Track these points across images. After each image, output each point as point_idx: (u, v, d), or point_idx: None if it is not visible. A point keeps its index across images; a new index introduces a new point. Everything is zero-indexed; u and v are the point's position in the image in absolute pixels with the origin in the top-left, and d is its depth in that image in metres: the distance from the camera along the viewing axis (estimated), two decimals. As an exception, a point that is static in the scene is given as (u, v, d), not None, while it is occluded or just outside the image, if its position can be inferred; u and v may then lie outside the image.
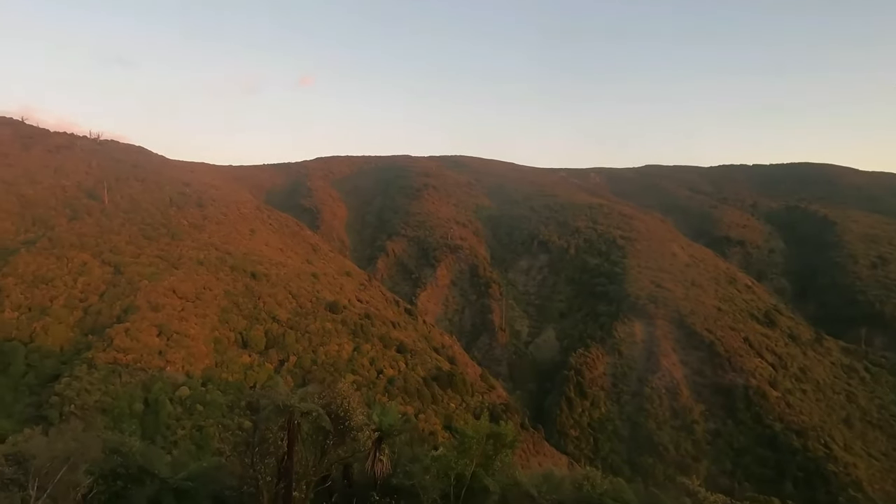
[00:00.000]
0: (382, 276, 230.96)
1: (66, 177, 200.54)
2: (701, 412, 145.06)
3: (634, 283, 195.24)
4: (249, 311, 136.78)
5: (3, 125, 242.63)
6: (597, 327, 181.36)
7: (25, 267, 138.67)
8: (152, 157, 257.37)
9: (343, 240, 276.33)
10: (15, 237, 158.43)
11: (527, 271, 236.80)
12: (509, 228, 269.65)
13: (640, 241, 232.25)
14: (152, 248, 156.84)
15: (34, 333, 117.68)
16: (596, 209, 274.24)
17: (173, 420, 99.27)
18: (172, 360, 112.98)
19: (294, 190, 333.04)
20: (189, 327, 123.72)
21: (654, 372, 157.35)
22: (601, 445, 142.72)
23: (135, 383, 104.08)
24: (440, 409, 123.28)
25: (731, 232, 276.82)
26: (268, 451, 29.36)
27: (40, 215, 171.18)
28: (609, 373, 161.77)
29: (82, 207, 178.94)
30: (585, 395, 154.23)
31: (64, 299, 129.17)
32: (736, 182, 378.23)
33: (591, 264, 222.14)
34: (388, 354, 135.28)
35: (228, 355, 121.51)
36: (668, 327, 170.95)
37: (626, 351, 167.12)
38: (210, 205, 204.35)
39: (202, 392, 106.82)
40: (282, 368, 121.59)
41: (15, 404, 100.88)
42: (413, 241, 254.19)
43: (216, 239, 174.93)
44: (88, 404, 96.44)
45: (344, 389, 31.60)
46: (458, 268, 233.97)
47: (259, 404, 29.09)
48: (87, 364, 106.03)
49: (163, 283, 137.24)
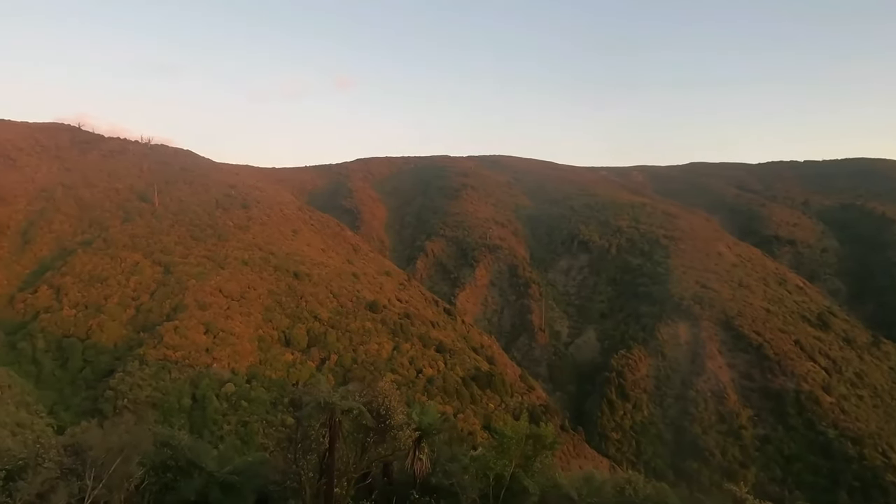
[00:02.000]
0: (421, 276, 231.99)
1: (119, 180, 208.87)
2: (749, 417, 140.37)
3: (678, 284, 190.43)
4: (292, 310, 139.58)
5: (62, 131, 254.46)
6: (639, 328, 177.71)
7: (82, 266, 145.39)
8: (200, 161, 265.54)
9: (383, 240, 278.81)
10: (73, 238, 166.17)
11: (567, 271, 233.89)
12: (549, 228, 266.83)
13: (684, 240, 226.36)
14: (200, 249, 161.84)
15: (90, 330, 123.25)
16: (638, 208, 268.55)
17: (219, 415, 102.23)
18: (219, 358, 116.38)
19: (335, 191, 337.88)
20: (234, 325, 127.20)
21: (699, 375, 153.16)
22: (644, 449, 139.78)
23: (183, 379, 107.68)
24: (479, 410, 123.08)
25: (781, 231, 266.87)
26: (310, 448, 29.89)
27: (96, 217, 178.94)
28: (652, 375, 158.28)
29: (134, 209, 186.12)
30: (627, 397, 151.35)
31: (118, 298, 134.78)
32: (786, 179, 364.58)
33: (633, 264, 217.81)
34: (428, 354, 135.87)
35: (272, 353, 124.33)
36: (714, 329, 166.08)
37: (670, 353, 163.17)
38: (254, 206, 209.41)
39: (247, 389, 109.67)
40: (323, 367, 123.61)
41: (73, 397, 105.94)
42: (452, 241, 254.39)
43: (260, 239, 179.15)
44: (140, 399, 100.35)
45: (385, 388, 31.90)
46: (497, 268, 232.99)
47: (302, 401, 29.63)
48: (138, 360, 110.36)
49: (210, 282, 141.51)
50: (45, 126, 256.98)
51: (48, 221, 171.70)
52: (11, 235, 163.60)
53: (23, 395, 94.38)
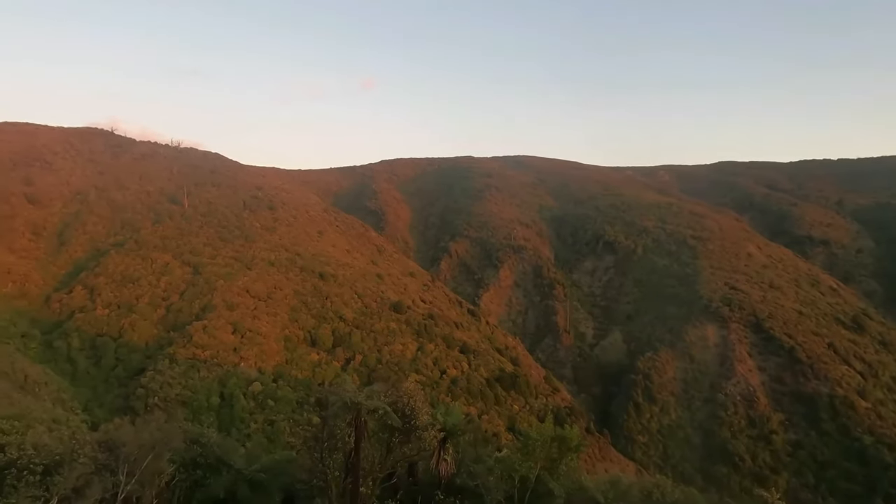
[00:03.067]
0: (445, 276, 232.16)
1: (150, 183, 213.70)
2: (780, 421, 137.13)
3: (707, 285, 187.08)
4: (317, 311, 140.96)
5: (96, 136, 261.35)
6: (666, 330, 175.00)
7: (115, 267, 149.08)
8: (228, 163, 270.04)
9: (407, 241, 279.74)
10: (106, 239, 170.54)
11: (592, 272, 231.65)
12: (573, 228, 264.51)
13: (712, 240, 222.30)
14: (227, 250, 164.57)
15: (122, 329, 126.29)
16: (665, 208, 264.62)
17: (246, 414, 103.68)
18: (246, 357, 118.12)
19: (359, 192, 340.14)
20: (261, 325, 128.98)
21: (728, 378, 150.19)
22: (671, 453, 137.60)
23: (212, 378, 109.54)
24: (503, 411, 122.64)
25: (814, 231, 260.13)
26: (336, 447, 30.13)
27: (128, 219, 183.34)
28: (679, 378, 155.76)
29: (164, 211, 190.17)
30: (654, 400, 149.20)
31: (148, 298, 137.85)
32: (818, 178, 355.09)
33: (659, 265, 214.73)
34: (452, 355, 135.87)
35: (298, 353, 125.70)
36: (744, 331, 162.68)
37: (698, 355, 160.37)
38: (280, 208, 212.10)
39: (273, 388, 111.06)
40: (348, 367, 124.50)
41: (106, 395, 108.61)
42: (476, 241, 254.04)
43: (286, 240, 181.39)
44: (170, 397, 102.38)
45: (409, 389, 32.03)
46: (521, 269, 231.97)
47: (328, 401, 29.90)
48: (169, 359, 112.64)
49: (237, 282, 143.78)
50: (79, 131, 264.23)
51: (82, 223, 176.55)
52: (48, 237, 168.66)
53: (59, 393, 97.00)
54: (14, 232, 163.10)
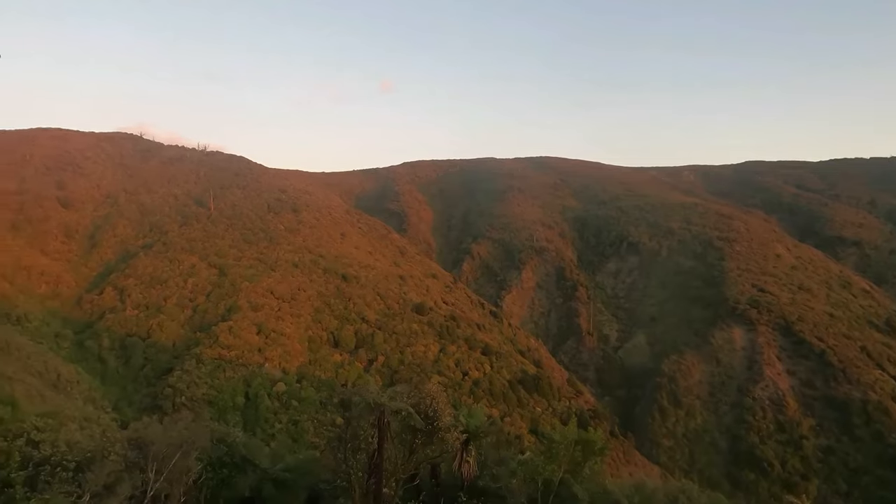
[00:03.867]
0: (467, 278, 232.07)
1: (177, 186, 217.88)
2: (811, 427, 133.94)
3: (734, 287, 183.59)
4: (340, 312, 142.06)
5: (125, 140, 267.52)
6: (691, 333, 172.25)
7: (143, 269, 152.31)
8: (252, 166, 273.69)
9: (429, 242, 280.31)
10: (135, 242, 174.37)
11: (615, 274, 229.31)
12: (596, 230, 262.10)
13: (739, 241, 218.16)
14: (252, 252, 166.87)
15: (151, 330, 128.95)
16: (690, 209, 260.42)
17: (271, 414, 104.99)
18: (270, 358, 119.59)
19: (382, 194, 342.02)
20: (285, 326, 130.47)
21: (756, 382, 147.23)
22: (697, 457, 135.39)
23: (237, 378, 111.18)
24: (526, 413, 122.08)
25: (845, 231, 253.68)
26: (359, 448, 30.29)
27: (156, 221, 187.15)
28: (706, 381, 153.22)
29: (191, 214, 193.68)
30: (680, 403, 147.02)
31: (176, 299, 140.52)
32: (850, 177, 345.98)
33: (684, 267, 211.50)
34: (474, 356, 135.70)
35: (321, 354, 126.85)
36: (772, 334, 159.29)
37: (725, 359, 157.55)
38: (304, 210, 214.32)
39: (297, 388, 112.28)
40: (370, 368, 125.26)
41: (135, 394, 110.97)
42: (498, 243, 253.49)
43: (310, 242, 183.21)
44: (197, 396, 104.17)
45: (432, 390, 32.04)
46: (543, 270, 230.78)
47: (351, 402, 30.10)
48: (195, 359, 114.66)
49: (261, 284, 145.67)
50: (109, 135, 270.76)
51: (112, 226, 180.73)
52: (80, 239, 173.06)
53: (90, 391, 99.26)
54: (47, 234, 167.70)
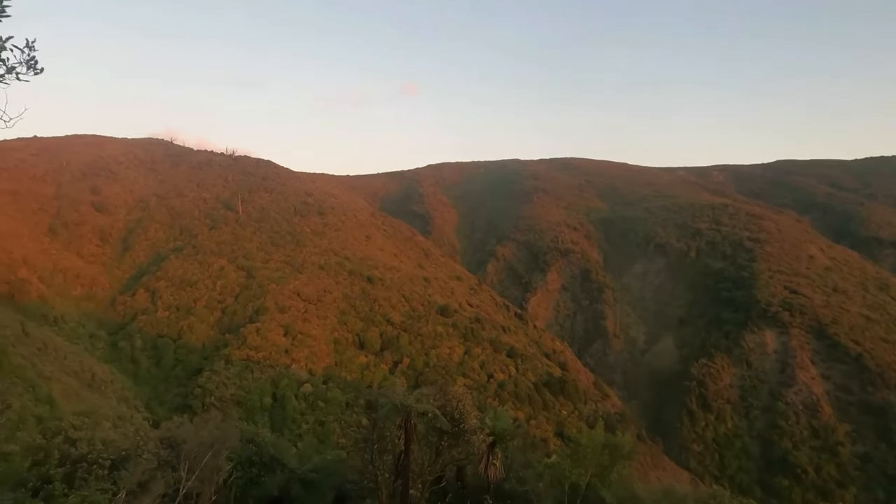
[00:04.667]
0: (492, 280, 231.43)
1: (206, 190, 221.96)
2: (846, 432, 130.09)
3: (765, 289, 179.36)
4: (366, 314, 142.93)
5: (156, 145, 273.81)
6: (721, 336, 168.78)
7: (174, 271, 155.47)
8: (279, 170, 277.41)
9: (453, 244, 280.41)
10: (165, 245, 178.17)
11: (643, 276, 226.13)
12: (623, 231, 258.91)
13: (770, 242, 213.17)
14: (279, 254, 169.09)
15: (181, 331, 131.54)
16: (719, 209, 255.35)
17: (298, 414, 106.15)
18: (297, 359, 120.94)
19: (406, 197, 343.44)
20: (311, 328, 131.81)
21: (789, 386, 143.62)
22: (728, 463, 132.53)
23: (265, 379, 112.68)
24: (551, 416, 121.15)
25: (882, 232, 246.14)
26: (386, 449, 30.40)
27: (186, 225, 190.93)
28: (736, 385, 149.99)
29: (220, 217, 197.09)
30: (709, 407, 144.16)
31: (205, 300, 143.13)
32: (887, 176, 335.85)
33: (714, 268, 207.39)
34: (499, 359, 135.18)
35: (347, 355, 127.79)
36: (806, 337, 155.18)
37: (756, 362, 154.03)
38: (329, 213, 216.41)
39: (323, 389, 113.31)
40: (396, 369, 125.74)
41: (166, 394, 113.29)
42: (523, 245, 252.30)
43: (335, 245, 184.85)
44: (225, 397, 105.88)
45: (458, 392, 32.01)
46: (569, 272, 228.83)
47: (378, 403, 30.21)
48: (224, 360, 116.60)
49: (288, 286, 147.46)
50: (141, 141, 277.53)
51: (144, 229, 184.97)
52: (113, 242, 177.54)
53: (123, 391, 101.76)
54: (83, 238, 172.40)
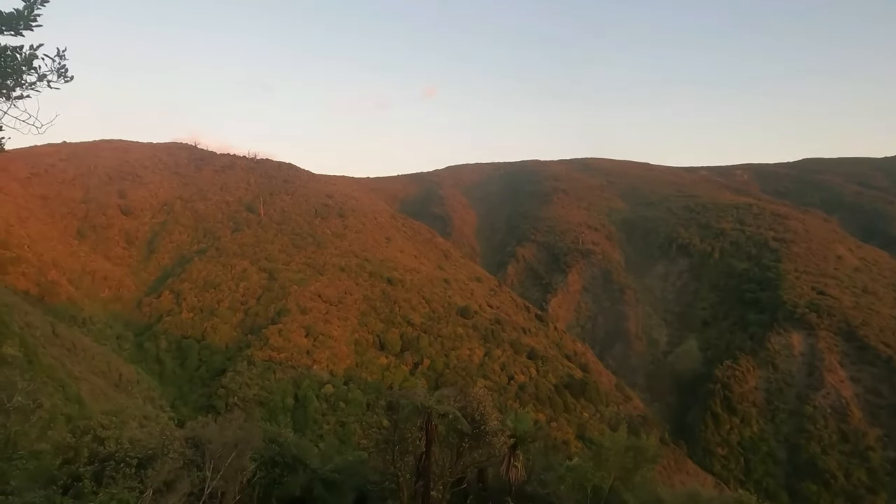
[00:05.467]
0: (512, 281, 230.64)
1: (229, 193, 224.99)
2: (878, 437, 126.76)
3: (791, 290, 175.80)
4: (386, 315, 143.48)
5: (181, 149, 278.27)
6: (746, 338, 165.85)
7: (198, 273, 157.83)
8: (300, 173, 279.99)
9: (473, 246, 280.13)
10: (190, 247, 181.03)
11: (665, 277, 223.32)
12: (645, 232, 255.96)
13: (797, 242, 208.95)
14: (300, 256, 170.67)
15: (205, 332, 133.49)
16: (743, 209, 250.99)
17: (319, 415, 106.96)
18: (318, 360, 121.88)
19: (426, 198, 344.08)
20: (332, 329, 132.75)
21: (816, 389, 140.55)
22: (753, 467, 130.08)
23: (287, 380, 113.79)
24: (573, 418, 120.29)
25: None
26: (407, 450, 30.49)
27: (209, 227, 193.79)
28: (762, 388, 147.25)
29: (242, 220, 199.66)
30: (734, 410, 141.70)
31: (228, 302, 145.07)
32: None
33: (738, 269, 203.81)
34: (519, 360, 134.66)
35: (367, 356, 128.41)
36: (834, 339, 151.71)
37: (783, 365, 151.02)
38: (350, 215, 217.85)
39: (344, 390, 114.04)
40: (416, 371, 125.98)
41: (191, 394, 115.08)
42: (543, 246, 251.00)
43: (356, 247, 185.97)
44: (248, 397, 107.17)
45: (479, 394, 31.96)
46: (590, 273, 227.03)
47: (398, 404, 30.31)
48: (247, 361, 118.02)
49: (310, 287, 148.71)
50: (166, 146, 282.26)
51: (169, 232, 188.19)
52: (139, 245, 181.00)
53: (149, 391, 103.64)
54: (110, 241, 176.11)
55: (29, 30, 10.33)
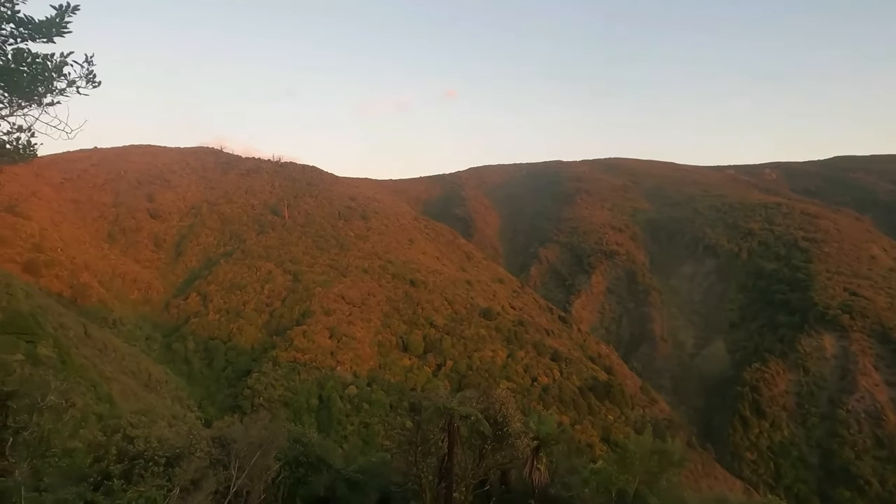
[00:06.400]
0: (535, 283, 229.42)
1: (254, 196, 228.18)
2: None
3: (823, 291, 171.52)
4: (409, 317, 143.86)
5: (207, 154, 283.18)
6: (776, 340, 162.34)
7: (224, 275, 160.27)
8: (324, 176, 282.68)
9: (495, 247, 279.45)
10: (216, 250, 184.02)
11: (691, 278, 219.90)
12: (670, 232, 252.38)
13: (828, 242, 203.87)
14: (324, 258, 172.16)
15: (231, 333, 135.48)
16: (772, 208, 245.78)
17: (343, 416, 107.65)
18: (342, 361, 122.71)
19: (448, 200, 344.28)
20: (356, 331, 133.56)
21: (849, 393, 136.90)
22: (784, 472, 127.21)
23: (311, 380, 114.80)
24: (597, 421, 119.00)
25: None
26: (429, 451, 30.44)
27: (235, 230, 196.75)
28: (792, 391, 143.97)
29: (267, 223, 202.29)
30: (764, 414, 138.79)
31: (254, 304, 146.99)
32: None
33: (767, 270, 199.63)
34: (543, 362, 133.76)
35: (390, 358, 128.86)
36: (868, 342, 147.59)
37: (814, 367, 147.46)
38: (373, 217, 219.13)
39: (368, 391, 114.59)
40: (439, 372, 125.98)
41: (217, 394, 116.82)
42: (566, 247, 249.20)
43: (379, 248, 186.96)
44: (273, 398, 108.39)
45: (502, 395, 31.76)
46: (614, 274, 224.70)
47: (421, 406, 30.29)
48: (272, 362, 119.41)
49: (333, 289, 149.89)
50: (193, 150, 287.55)
51: (196, 235, 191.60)
52: (167, 248, 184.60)
53: (177, 391, 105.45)
54: (139, 244, 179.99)
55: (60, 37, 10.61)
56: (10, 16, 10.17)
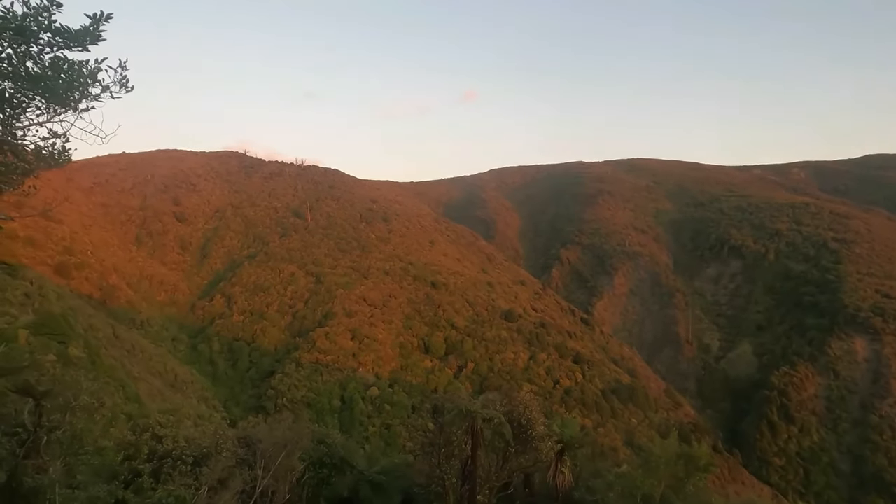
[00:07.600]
0: (557, 284, 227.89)
1: (277, 199, 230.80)
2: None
3: (854, 293, 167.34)
4: (430, 318, 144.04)
5: (231, 157, 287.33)
6: (804, 343, 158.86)
7: (248, 277, 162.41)
8: (345, 178, 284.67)
9: (517, 249, 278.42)
10: (240, 252, 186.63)
11: (716, 279, 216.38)
12: (694, 233, 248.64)
13: (859, 243, 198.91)
14: (346, 260, 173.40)
15: (255, 335, 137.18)
16: (800, 209, 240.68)
17: (365, 417, 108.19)
18: (364, 362, 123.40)
19: (469, 202, 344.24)
20: (377, 332, 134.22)
21: (883, 398, 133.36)
22: (814, 479, 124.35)
23: (333, 382, 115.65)
24: (620, 424, 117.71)
25: None
26: (452, 454, 30.43)
27: (259, 233, 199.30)
28: (822, 395, 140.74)
29: (290, 225, 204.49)
30: (792, 419, 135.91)
31: (277, 305, 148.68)
32: None
33: (795, 271, 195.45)
34: (565, 364, 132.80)
35: (412, 359, 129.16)
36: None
37: (845, 371, 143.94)
38: (394, 219, 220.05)
39: (389, 393, 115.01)
40: (460, 374, 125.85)
41: (241, 395, 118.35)
42: (588, 248, 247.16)
43: (400, 251, 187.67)
44: (297, 398, 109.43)
45: (525, 398, 31.63)
46: (637, 276, 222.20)
47: (444, 408, 30.30)
48: (295, 363, 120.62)
49: (355, 291, 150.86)
50: (217, 154, 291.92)
51: (221, 238, 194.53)
52: (193, 251, 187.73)
53: (202, 391, 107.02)
54: (165, 247, 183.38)
55: (95, 45, 10.86)
56: (47, 26, 10.43)
